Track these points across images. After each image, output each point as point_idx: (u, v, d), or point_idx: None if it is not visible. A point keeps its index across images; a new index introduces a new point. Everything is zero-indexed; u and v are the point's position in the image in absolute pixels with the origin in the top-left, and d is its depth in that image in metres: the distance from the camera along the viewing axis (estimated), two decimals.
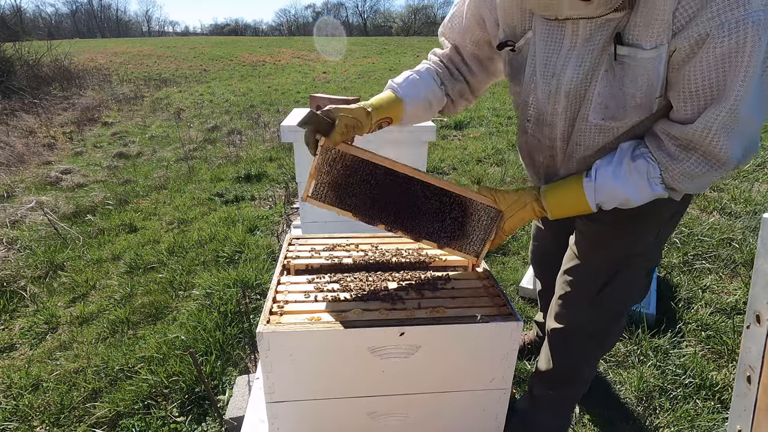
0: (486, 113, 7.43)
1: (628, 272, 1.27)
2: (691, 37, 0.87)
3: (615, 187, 1.07)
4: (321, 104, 2.19)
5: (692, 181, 1.02)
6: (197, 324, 2.18)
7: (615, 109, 1.02)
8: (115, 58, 20.43)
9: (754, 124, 0.94)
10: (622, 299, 1.31)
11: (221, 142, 6.24)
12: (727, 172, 1.01)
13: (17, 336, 2.29)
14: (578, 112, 1.07)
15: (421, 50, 23.13)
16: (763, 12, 0.81)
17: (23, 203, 3.84)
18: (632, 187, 1.06)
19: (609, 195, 1.08)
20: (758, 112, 0.91)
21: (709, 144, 0.95)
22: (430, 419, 1.24)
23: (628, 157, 1.06)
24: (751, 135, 0.96)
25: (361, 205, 1.22)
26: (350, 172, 1.18)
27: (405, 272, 1.33)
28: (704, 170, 0.99)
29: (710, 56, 0.87)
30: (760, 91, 0.89)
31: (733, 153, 0.95)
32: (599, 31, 0.97)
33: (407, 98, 1.25)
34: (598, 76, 1.00)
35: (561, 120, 1.10)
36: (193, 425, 1.72)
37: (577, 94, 1.05)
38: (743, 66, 0.85)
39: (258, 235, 3.30)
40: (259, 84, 12.58)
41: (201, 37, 64.18)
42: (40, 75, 10.74)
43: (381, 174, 1.19)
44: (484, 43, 1.26)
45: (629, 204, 1.09)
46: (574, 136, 1.10)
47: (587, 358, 1.40)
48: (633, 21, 0.92)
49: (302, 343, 1.08)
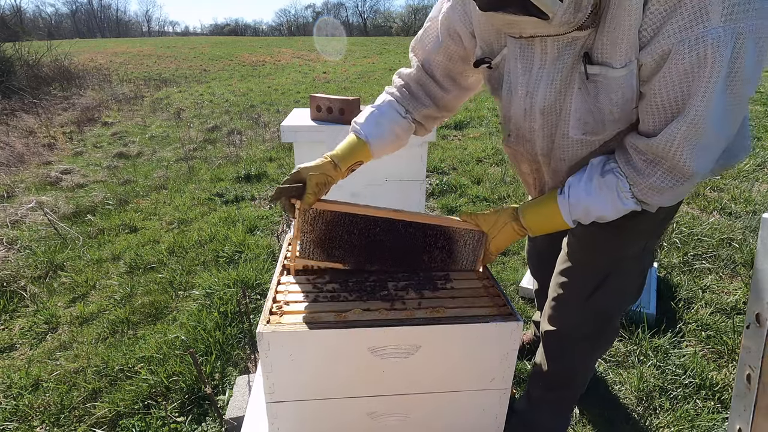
0: (486, 113, 7.42)
1: (620, 275, 1.27)
2: (655, 52, 0.88)
3: (588, 203, 1.08)
4: (321, 104, 2.19)
5: (661, 195, 1.02)
6: (197, 324, 2.18)
7: (594, 124, 1.03)
8: (115, 58, 20.43)
9: (720, 137, 0.94)
10: (614, 302, 1.31)
11: (221, 142, 6.24)
12: (693, 185, 1.01)
13: (17, 336, 2.29)
14: (556, 129, 1.08)
15: None
16: (722, 29, 0.81)
17: (23, 203, 3.84)
18: (603, 203, 1.06)
19: (583, 211, 1.09)
20: (723, 126, 0.92)
21: (673, 157, 0.95)
22: (430, 419, 1.24)
23: (598, 173, 1.07)
24: (719, 148, 0.96)
25: (348, 255, 1.27)
26: (332, 227, 1.24)
27: (405, 272, 1.32)
28: (670, 184, 0.99)
29: (673, 71, 0.88)
30: (723, 106, 0.89)
31: (697, 166, 0.95)
32: (567, 50, 0.97)
33: (371, 139, 1.28)
34: (572, 94, 1.01)
35: (539, 137, 1.11)
36: (193, 425, 1.72)
37: (552, 112, 1.06)
38: (704, 81, 0.86)
39: (258, 235, 3.30)
40: (259, 84, 12.58)
41: (201, 37, 64.20)
42: (40, 75, 10.74)
43: (362, 222, 1.24)
44: (458, 58, 1.25)
45: (604, 219, 1.10)
46: (556, 151, 1.11)
47: (582, 360, 1.40)
48: (600, 40, 0.92)
49: (302, 343, 1.08)
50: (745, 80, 0.87)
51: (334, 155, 1.24)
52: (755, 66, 0.87)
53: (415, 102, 1.32)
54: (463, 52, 1.24)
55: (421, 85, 1.32)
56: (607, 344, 1.45)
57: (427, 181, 4.22)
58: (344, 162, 1.24)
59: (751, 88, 0.91)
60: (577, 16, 0.87)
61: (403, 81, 1.34)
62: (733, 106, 0.90)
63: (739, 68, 0.85)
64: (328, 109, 2.18)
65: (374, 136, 1.28)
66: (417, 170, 2.25)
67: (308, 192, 1.15)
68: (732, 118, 0.92)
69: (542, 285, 1.73)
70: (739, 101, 0.90)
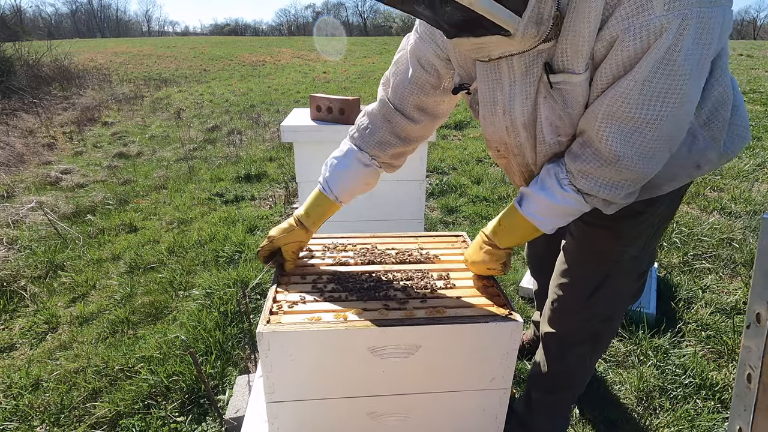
0: None
1: (619, 276, 1.27)
2: (605, 39, 0.88)
3: (541, 198, 1.07)
4: (321, 104, 2.19)
5: (588, 179, 1.00)
6: (197, 324, 2.18)
7: (564, 127, 1.04)
8: (115, 58, 20.43)
9: (650, 124, 0.91)
10: (613, 303, 1.31)
11: (221, 142, 6.24)
12: (620, 173, 0.97)
13: (17, 336, 2.29)
14: (536, 138, 1.09)
15: None
16: (665, 17, 0.81)
17: (23, 203, 3.84)
18: (551, 193, 1.06)
19: (541, 207, 1.09)
20: (652, 111, 0.89)
21: (597, 135, 0.95)
22: (430, 419, 1.24)
23: (545, 165, 1.09)
24: (653, 138, 0.92)
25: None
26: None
27: (405, 272, 1.33)
28: (596, 166, 0.98)
29: (618, 57, 0.89)
30: (654, 89, 0.87)
31: (622, 150, 0.94)
32: (534, 63, 0.98)
33: (340, 193, 1.31)
34: (539, 104, 1.02)
35: (527, 148, 1.12)
36: (193, 425, 1.72)
37: (531, 124, 1.06)
38: (637, 65, 0.87)
39: (258, 235, 3.30)
40: (259, 84, 12.58)
41: (201, 37, 64.20)
42: (40, 75, 10.74)
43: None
44: (430, 87, 1.24)
45: (565, 213, 1.08)
46: (540, 158, 1.12)
47: (582, 361, 1.40)
48: (560, 48, 0.93)
49: (302, 343, 1.08)
50: (682, 68, 0.85)
51: (303, 219, 1.31)
52: (695, 53, 0.85)
53: (380, 146, 1.30)
54: (435, 81, 1.22)
55: (389, 121, 1.29)
56: (606, 346, 1.44)
57: (427, 181, 4.22)
58: (315, 225, 1.32)
59: (694, 82, 0.88)
60: (540, 29, 0.87)
61: (369, 120, 1.31)
62: (666, 92, 0.87)
63: (675, 53, 0.84)
64: (328, 109, 2.18)
65: (342, 190, 1.31)
66: (417, 170, 2.25)
67: (287, 261, 1.31)
68: (665, 106, 0.89)
69: (542, 286, 1.73)
70: (675, 91, 0.87)
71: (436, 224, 3.41)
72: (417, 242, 1.53)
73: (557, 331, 1.36)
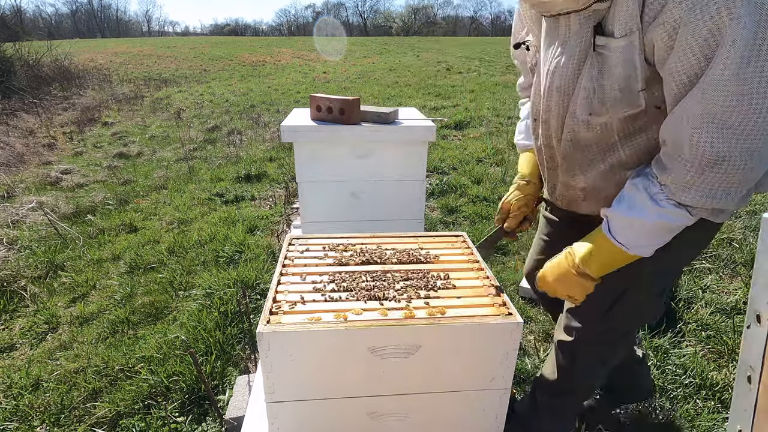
0: (486, 113, 7.43)
1: (639, 290, 1.19)
2: (666, 23, 0.82)
3: (633, 220, 0.97)
4: (321, 104, 2.19)
5: (692, 192, 0.89)
6: (197, 324, 2.18)
7: (597, 104, 0.98)
8: (115, 58, 20.43)
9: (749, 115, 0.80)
10: (631, 317, 1.25)
11: (221, 142, 6.24)
12: (728, 175, 0.85)
13: (17, 336, 2.29)
14: (568, 109, 1.04)
15: (421, 50, 23.10)
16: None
17: (23, 203, 3.84)
18: (641, 209, 0.95)
19: (626, 225, 0.98)
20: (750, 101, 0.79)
21: (690, 138, 0.85)
22: (430, 419, 1.24)
23: (630, 180, 0.99)
24: (756, 131, 0.81)
25: None
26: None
27: (405, 272, 1.33)
28: (696, 174, 0.87)
29: (690, 42, 0.80)
30: (750, 75, 0.77)
31: (723, 149, 0.83)
32: (587, 23, 0.95)
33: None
34: (584, 71, 0.98)
35: (554, 117, 1.07)
36: (194, 425, 1.72)
37: (567, 90, 1.02)
38: (725, 47, 0.77)
39: (258, 235, 3.30)
40: (259, 84, 12.58)
41: (201, 37, 64.22)
42: (40, 75, 10.74)
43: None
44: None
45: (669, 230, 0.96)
46: (564, 133, 1.08)
47: (593, 372, 1.38)
48: (612, 10, 0.90)
49: (302, 343, 1.08)
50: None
51: (522, 176, 1.35)
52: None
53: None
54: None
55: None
56: (619, 359, 1.40)
57: (427, 181, 4.22)
58: (534, 176, 1.35)
59: None
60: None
61: (527, 85, 1.35)
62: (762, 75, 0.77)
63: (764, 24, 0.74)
64: (328, 109, 2.18)
65: None
66: (417, 170, 2.25)
67: (512, 217, 1.34)
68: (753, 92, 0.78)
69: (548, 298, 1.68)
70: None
71: (436, 224, 3.41)
72: (417, 242, 1.53)
73: (573, 340, 1.32)
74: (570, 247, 1.10)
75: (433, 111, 7.86)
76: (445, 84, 11.40)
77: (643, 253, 1.00)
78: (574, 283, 1.09)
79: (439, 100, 8.94)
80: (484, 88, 10.53)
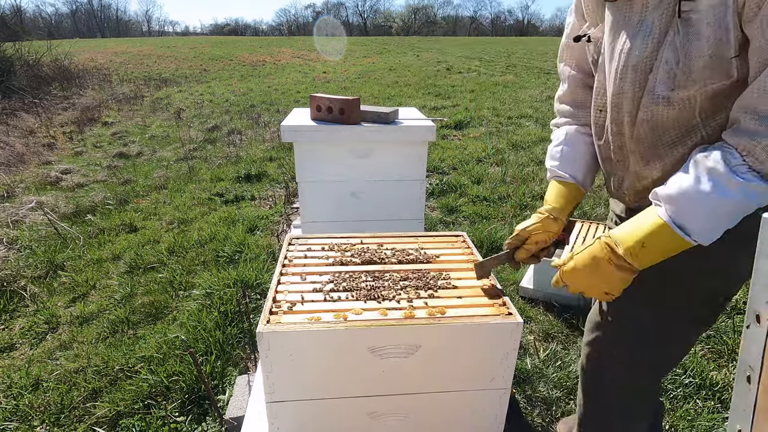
0: (486, 113, 7.43)
1: (679, 289, 1.05)
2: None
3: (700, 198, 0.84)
4: (321, 104, 2.19)
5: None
6: (197, 324, 2.18)
7: (681, 76, 0.88)
8: (115, 57, 20.43)
9: None
10: (662, 353, 1.13)
11: (221, 142, 6.24)
12: None
13: (17, 336, 2.29)
14: (645, 88, 0.94)
15: (421, 50, 23.10)
16: None
17: (23, 203, 3.84)
18: (718, 186, 0.83)
19: (698, 209, 0.85)
20: None
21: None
22: (430, 419, 1.24)
23: (700, 155, 0.88)
24: None
25: None
26: None
27: (405, 272, 1.33)
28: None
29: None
30: None
31: None
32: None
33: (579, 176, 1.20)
34: (666, 43, 0.89)
35: (628, 100, 0.98)
36: (194, 425, 1.72)
37: (645, 67, 0.92)
38: None
39: (258, 234, 3.31)
40: (259, 84, 12.58)
41: (201, 37, 64.23)
42: (40, 75, 10.74)
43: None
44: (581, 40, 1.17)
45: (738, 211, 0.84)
46: (640, 113, 0.96)
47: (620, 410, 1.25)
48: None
49: (302, 343, 1.08)
50: None
51: (551, 210, 1.18)
52: None
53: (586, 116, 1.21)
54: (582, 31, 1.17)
55: (585, 86, 1.21)
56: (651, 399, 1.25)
57: (427, 181, 4.22)
58: (563, 213, 1.19)
59: None
60: None
61: (569, 99, 1.25)
62: None
63: None
64: (328, 108, 2.18)
65: (576, 170, 1.20)
66: (417, 170, 2.25)
67: (525, 249, 1.18)
68: None
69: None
70: None
71: (436, 224, 3.41)
72: (417, 242, 1.53)
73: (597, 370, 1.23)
74: (606, 236, 0.97)
75: (433, 111, 7.86)
76: (445, 84, 11.40)
77: (710, 239, 0.86)
78: (614, 277, 0.95)
79: (439, 100, 8.94)
80: (484, 87, 10.53)
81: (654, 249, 0.90)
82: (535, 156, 5.04)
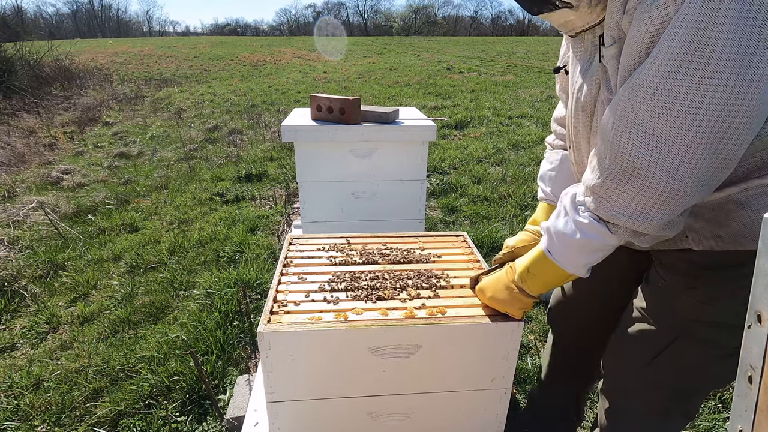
0: (486, 113, 7.42)
1: (691, 344, 0.96)
2: (629, 12, 0.75)
3: (560, 233, 0.89)
4: (322, 104, 2.19)
5: (608, 205, 0.80)
6: (198, 324, 2.18)
7: None
8: (115, 58, 20.44)
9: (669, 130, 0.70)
10: (684, 375, 1.01)
11: (222, 142, 6.24)
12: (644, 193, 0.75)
13: (18, 336, 2.29)
14: (591, 127, 0.95)
15: (422, 50, 23.10)
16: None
17: (24, 203, 3.84)
18: (565, 222, 0.88)
19: (563, 245, 0.89)
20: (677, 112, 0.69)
21: (613, 139, 0.76)
22: (430, 419, 1.24)
23: (566, 189, 0.93)
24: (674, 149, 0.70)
25: None
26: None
27: (405, 272, 1.33)
28: (612, 184, 0.78)
29: (637, 35, 0.73)
30: (681, 82, 0.67)
31: (639, 159, 0.73)
32: (595, 36, 0.90)
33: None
34: (601, 84, 0.91)
35: (583, 139, 0.98)
36: (194, 425, 1.72)
37: (591, 108, 0.93)
38: (663, 44, 0.69)
39: (258, 234, 3.31)
40: (259, 84, 12.58)
41: (201, 36, 64.28)
42: (41, 75, 10.74)
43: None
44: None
45: (594, 248, 0.86)
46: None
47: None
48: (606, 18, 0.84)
49: (303, 343, 1.08)
50: (722, 52, 0.64)
51: (538, 231, 1.19)
52: (743, 36, 0.63)
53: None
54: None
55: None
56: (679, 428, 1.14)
57: (428, 181, 4.22)
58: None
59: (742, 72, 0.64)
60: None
61: (563, 122, 1.26)
62: (700, 84, 0.66)
63: (708, 32, 0.64)
64: (329, 108, 2.18)
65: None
66: (417, 170, 2.25)
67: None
68: (702, 104, 0.67)
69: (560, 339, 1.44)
70: (714, 81, 0.65)
71: (436, 224, 3.41)
72: (417, 242, 1.53)
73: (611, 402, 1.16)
74: (512, 262, 1.06)
75: (433, 111, 7.86)
76: (445, 84, 11.40)
77: (579, 273, 0.91)
78: (513, 299, 1.05)
79: (439, 100, 8.94)
80: (484, 87, 10.52)
81: (538, 275, 0.97)
82: (536, 156, 5.04)
